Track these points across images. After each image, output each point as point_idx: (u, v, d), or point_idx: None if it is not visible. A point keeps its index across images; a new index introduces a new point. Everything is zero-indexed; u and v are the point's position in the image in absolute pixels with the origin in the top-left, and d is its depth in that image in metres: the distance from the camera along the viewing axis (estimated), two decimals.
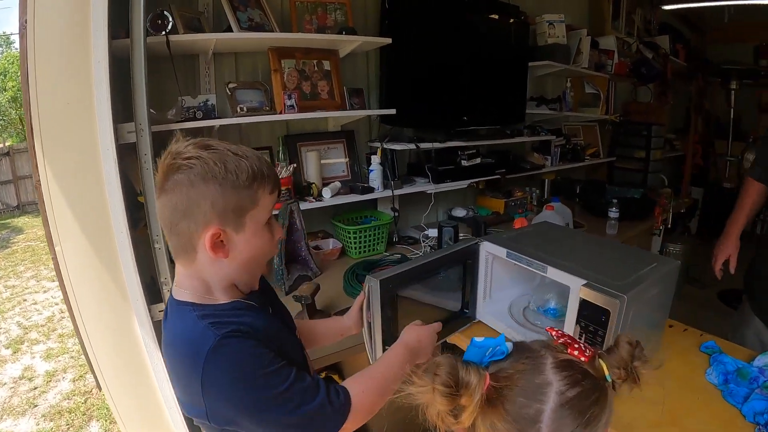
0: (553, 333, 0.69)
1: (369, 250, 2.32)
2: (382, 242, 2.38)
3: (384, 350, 1.21)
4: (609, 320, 1.08)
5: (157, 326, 1.66)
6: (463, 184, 2.89)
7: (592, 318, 1.12)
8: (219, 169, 0.82)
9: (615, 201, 3.02)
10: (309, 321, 1.29)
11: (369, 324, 1.22)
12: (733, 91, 5.79)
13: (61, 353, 4.13)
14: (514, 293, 1.64)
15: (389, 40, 2.36)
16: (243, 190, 0.85)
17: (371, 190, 2.42)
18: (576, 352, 0.65)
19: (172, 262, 1.67)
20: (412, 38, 2.54)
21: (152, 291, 1.71)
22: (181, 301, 0.91)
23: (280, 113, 2.13)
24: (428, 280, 1.40)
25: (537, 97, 3.62)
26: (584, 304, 1.14)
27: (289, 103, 2.12)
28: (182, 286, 0.92)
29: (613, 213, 2.96)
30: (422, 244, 2.44)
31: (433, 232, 2.44)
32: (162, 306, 1.69)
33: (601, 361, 0.65)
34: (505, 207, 3.21)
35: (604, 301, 1.09)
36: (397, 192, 2.51)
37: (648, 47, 4.66)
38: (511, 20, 3.09)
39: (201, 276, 0.90)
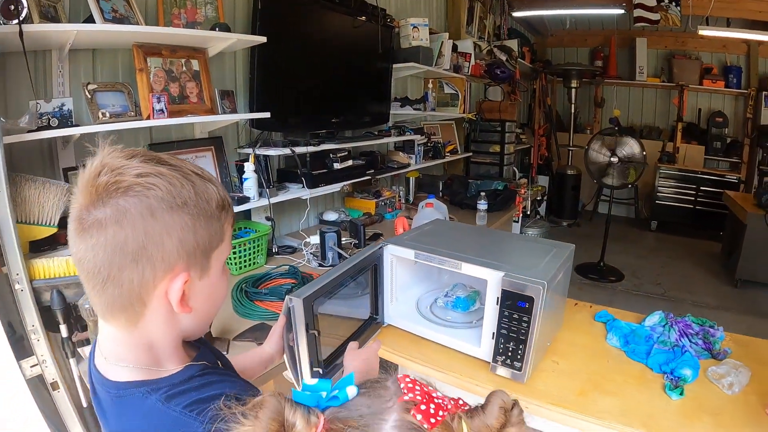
0: (403, 384, 0.58)
1: (249, 265, 2.38)
2: (262, 254, 2.45)
3: (313, 373, 1.27)
4: (533, 306, 1.29)
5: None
6: (336, 187, 3.07)
7: (515, 307, 1.32)
8: (188, 192, 0.67)
9: (483, 194, 3.45)
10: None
11: (291, 348, 1.21)
12: (573, 89, 6.84)
13: None
14: (418, 292, 1.84)
15: (264, 39, 2.44)
16: (213, 222, 0.71)
17: (247, 199, 2.47)
18: (419, 416, 0.54)
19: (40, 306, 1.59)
20: (284, 39, 2.65)
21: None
22: (123, 383, 0.72)
23: (148, 118, 2.09)
24: (337, 291, 1.51)
25: (401, 98, 3.90)
26: (507, 295, 1.33)
27: (158, 107, 2.08)
28: (120, 359, 0.73)
29: (482, 205, 3.38)
30: (304, 252, 2.55)
31: (314, 239, 2.55)
32: (33, 360, 1.61)
33: (464, 424, 0.56)
34: (376, 207, 3.45)
35: (527, 289, 1.29)
36: (274, 200, 2.59)
37: (502, 50, 5.24)
38: (379, 22, 3.31)
39: (147, 340, 0.73)
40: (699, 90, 6.92)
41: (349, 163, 3.13)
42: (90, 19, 1.93)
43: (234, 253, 2.31)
